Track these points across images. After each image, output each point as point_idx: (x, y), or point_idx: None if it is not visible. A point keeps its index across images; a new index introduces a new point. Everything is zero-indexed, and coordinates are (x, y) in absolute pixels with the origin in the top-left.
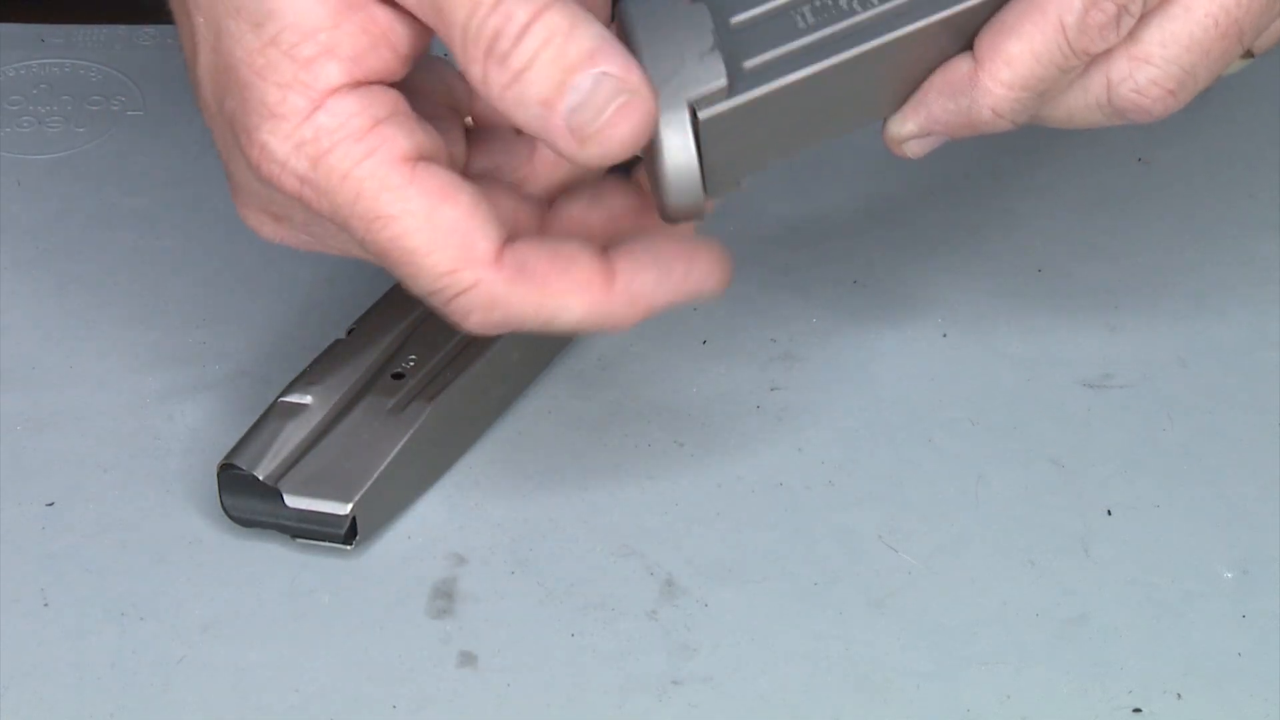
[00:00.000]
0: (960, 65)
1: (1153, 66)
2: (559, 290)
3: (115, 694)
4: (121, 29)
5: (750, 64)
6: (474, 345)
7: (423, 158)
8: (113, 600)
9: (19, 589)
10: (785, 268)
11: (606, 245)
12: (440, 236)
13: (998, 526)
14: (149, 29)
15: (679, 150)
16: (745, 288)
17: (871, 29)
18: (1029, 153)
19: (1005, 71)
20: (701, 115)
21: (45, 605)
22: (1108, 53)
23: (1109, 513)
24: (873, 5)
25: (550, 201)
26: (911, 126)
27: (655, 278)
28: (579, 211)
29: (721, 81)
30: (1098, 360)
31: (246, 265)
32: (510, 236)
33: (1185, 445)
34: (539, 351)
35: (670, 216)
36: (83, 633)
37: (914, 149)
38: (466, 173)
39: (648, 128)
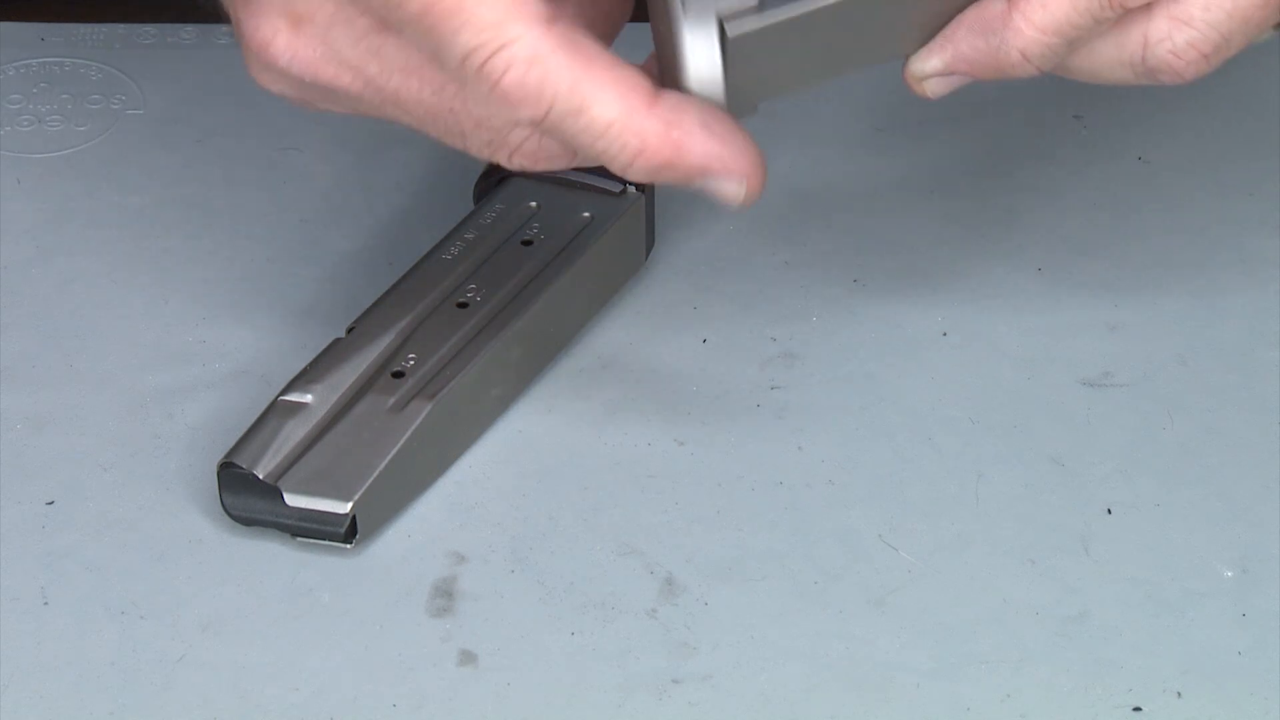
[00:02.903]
0: (994, 3)
1: (1192, 29)
2: (603, 78)
3: (115, 692)
4: (121, 28)
5: None
6: (474, 344)
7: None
8: (113, 599)
9: (19, 588)
10: (785, 266)
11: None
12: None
13: (998, 525)
14: (149, 28)
15: (705, 64)
16: (745, 287)
17: None
18: (1029, 153)
19: (1040, 14)
20: (730, 31)
21: (45, 604)
22: (1147, 10)
23: (1109, 511)
24: None
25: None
26: (936, 63)
27: (699, 121)
28: None
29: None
30: (1098, 359)
31: (246, 265)
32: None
33: (1185, 444)
34: (539, 351)
35: None
36: (83, 631)
37: (935, 87)
38: None
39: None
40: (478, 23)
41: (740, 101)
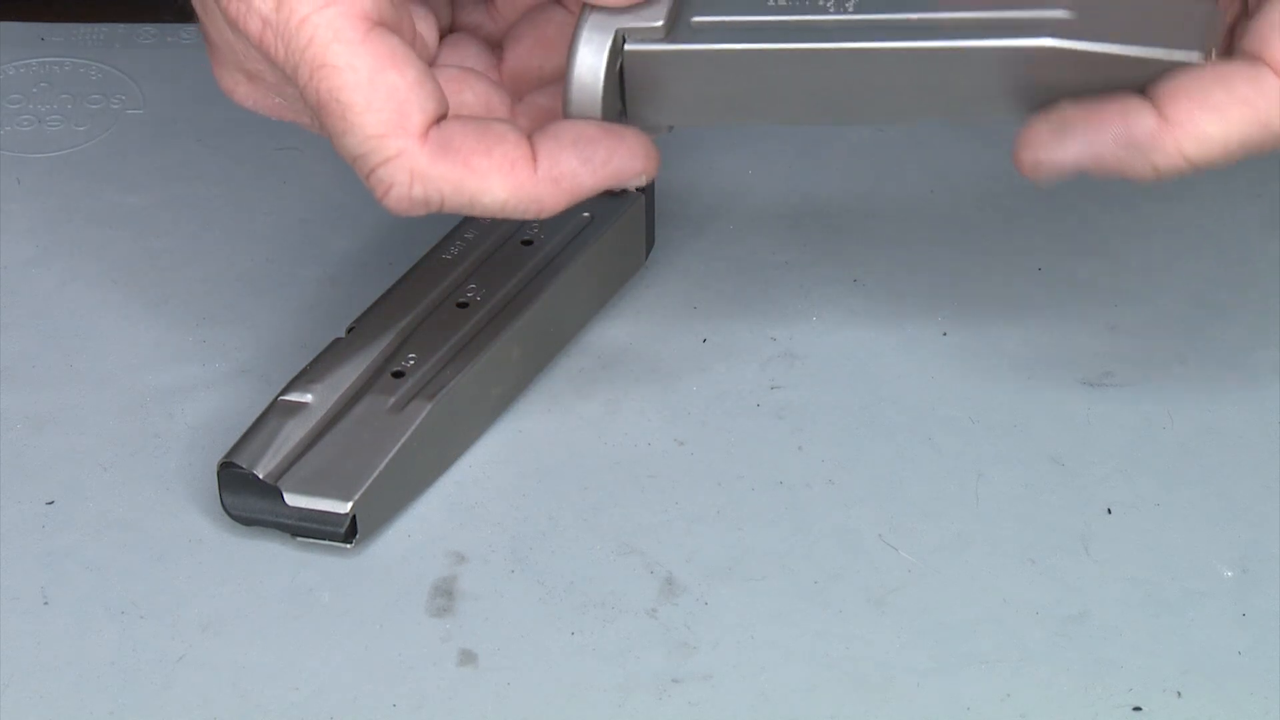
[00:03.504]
0: (1144, 120)
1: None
2: (482, 169)
3: (115, 692)
4: (121, 28)
5: (698, 20)
6: (474, 344)
7: (383, 23)
8: (113, 598)
9: (19, 587)
10: (785, 267)
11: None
12: (378, 98)
13: (998, 525)
14: (149, 27)
15: (588, 70)
16: (745, 287)
17: (839, 33)
18: None
19: (1194, 147)
20: (627, 47)
21: (45, 604)
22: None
23: (1109, 511)
24: (846, 10)
25: (521, 95)
26: (1068, 160)
27: (579, 160)
28: (545, 103)
29: (657, 22)
30: (1098, 359)
31: (246, 265)
32: (450, 116)
33: (1185, 444)
34: (539, 351)
35: None
36: (83, 631)
37: (1050, 175)
38: (435, 64)
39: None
40: (362, 130)
41: (645, 116)
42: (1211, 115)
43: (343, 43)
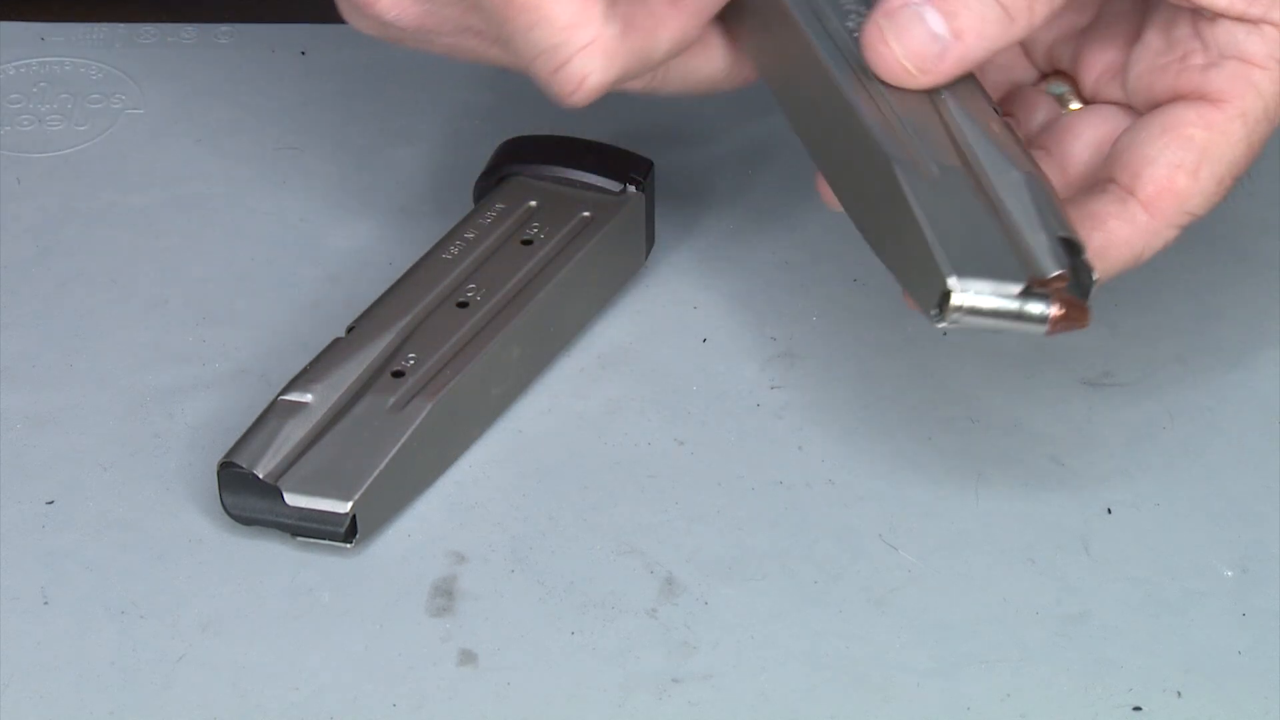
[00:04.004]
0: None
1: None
2: (651, 28)
3: (115, 692)
4: (122, 27)
5: None
6: (474, 344)
7: None
8: (113, 598)
9: (19, 587)
10: (785, 266)
11: None
12: None
13: (998, 524)
14: (149, 27)
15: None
16: (745, 286)
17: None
18: None
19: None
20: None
21: (45, 603)
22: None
23: (1109, 511)
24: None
25: None
26: None
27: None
28: None
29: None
30: (1098, 358)
31: (246, 265)
32: None
33: (1185, 443)
34: (539, 351)
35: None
36: (83, 631)
37: None
38: None
39: None
40: (555, 21)
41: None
42: (1097, 259)
43: None
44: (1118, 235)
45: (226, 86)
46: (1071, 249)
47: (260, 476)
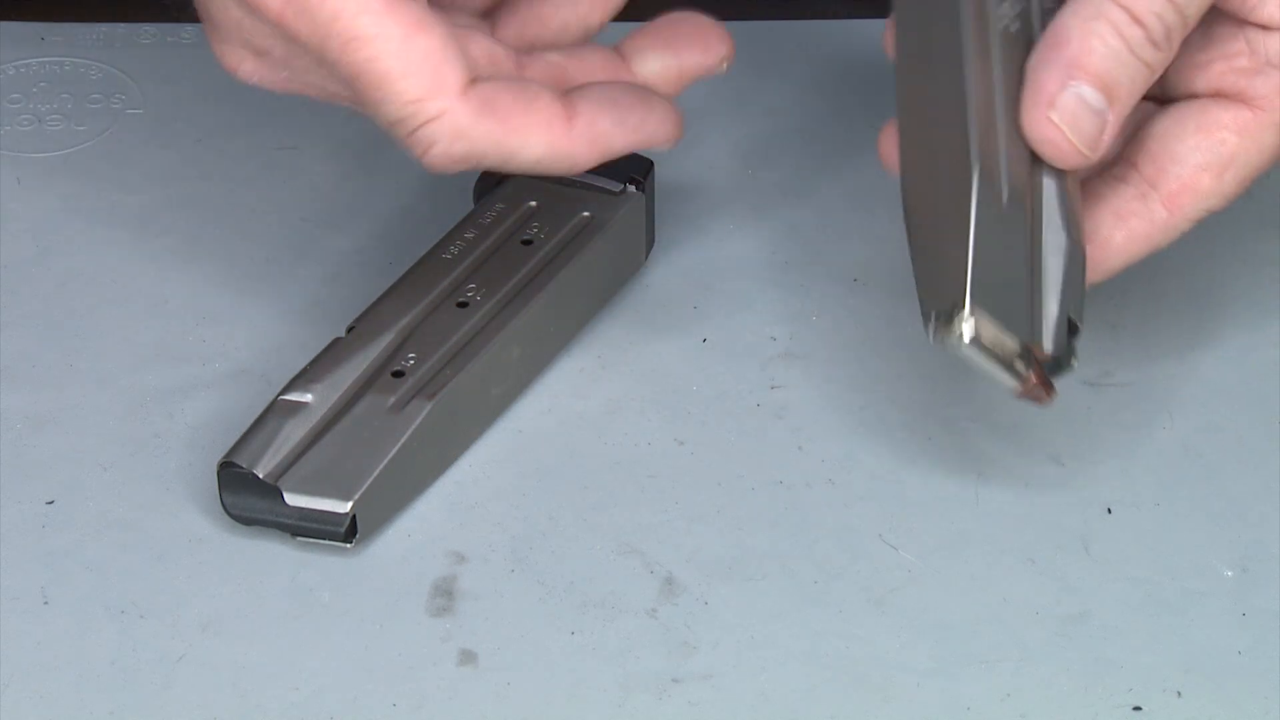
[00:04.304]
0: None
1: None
2: (522, 126)
3: (115, 692)
4: (121, 27)
5: None
6: (474, 344)
7: None
8: (113, 598)
9: (19, 587)
10: (785, 266)
11: (566, 91)
12: (413, 63)
13: (998, 524)
14: (149, 27)
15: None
16: (745, 287)
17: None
18: None
19: (1097, 277)
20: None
21: (45, 603)
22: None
23: (1109, 511)
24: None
25: (528, 51)
26: None
27: (612, 121)
28: (555, 60)
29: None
30: (1098, 358)
31: (246, 265)
32: (481, 77)
33: (1185, 443)
34: (539, 351)
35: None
36: (83, 631)
37: None
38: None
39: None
40: (400, 97)
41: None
42: (1114, 255)
43: (370, 14)
44: (1138, 231)
45: (226, 86)
46: (1072, 332)
47: (260, 476)
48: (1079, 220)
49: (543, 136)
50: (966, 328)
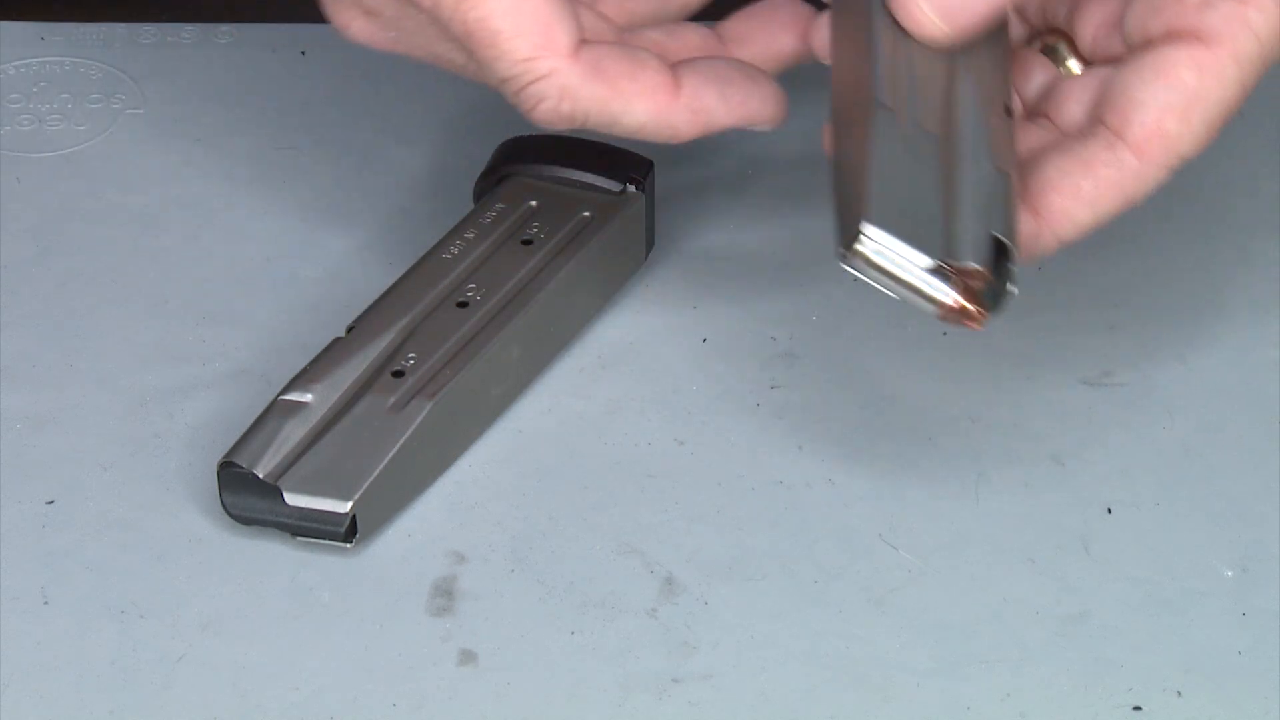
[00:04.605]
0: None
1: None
2: (628, 91)
3: (115, 692)
4: (122, 27)
5: None
6: (474, 344)
7: None
8: (113, 598)
9: (19, 587)
10: (785, 266)
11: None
12: (525, 22)
13: (998, 524)
14: (150, 27)
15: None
16: (745, 287)
17: None
18: None
19: (1069, 233)
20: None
21: (45, 603)
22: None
23: (1109, 510)
24: None
25: (628, 29)
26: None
27: (717, 96)
28: (655, 37)
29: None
30: (1098, 358)
31: (246, 265)
32: (590, 40)
33: (1185, 443)
34: (539, 351)
35: None
36: (83, 631)
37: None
38: None
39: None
40: (511, 55)
41: None
42: (1082, 205)
43: None
44: (1107, 179)
45: (226, 86)
46: (1003, 253)
47: (260, 476)
48: (1008, 153)
49: (648, 103)
50: (863, 248)
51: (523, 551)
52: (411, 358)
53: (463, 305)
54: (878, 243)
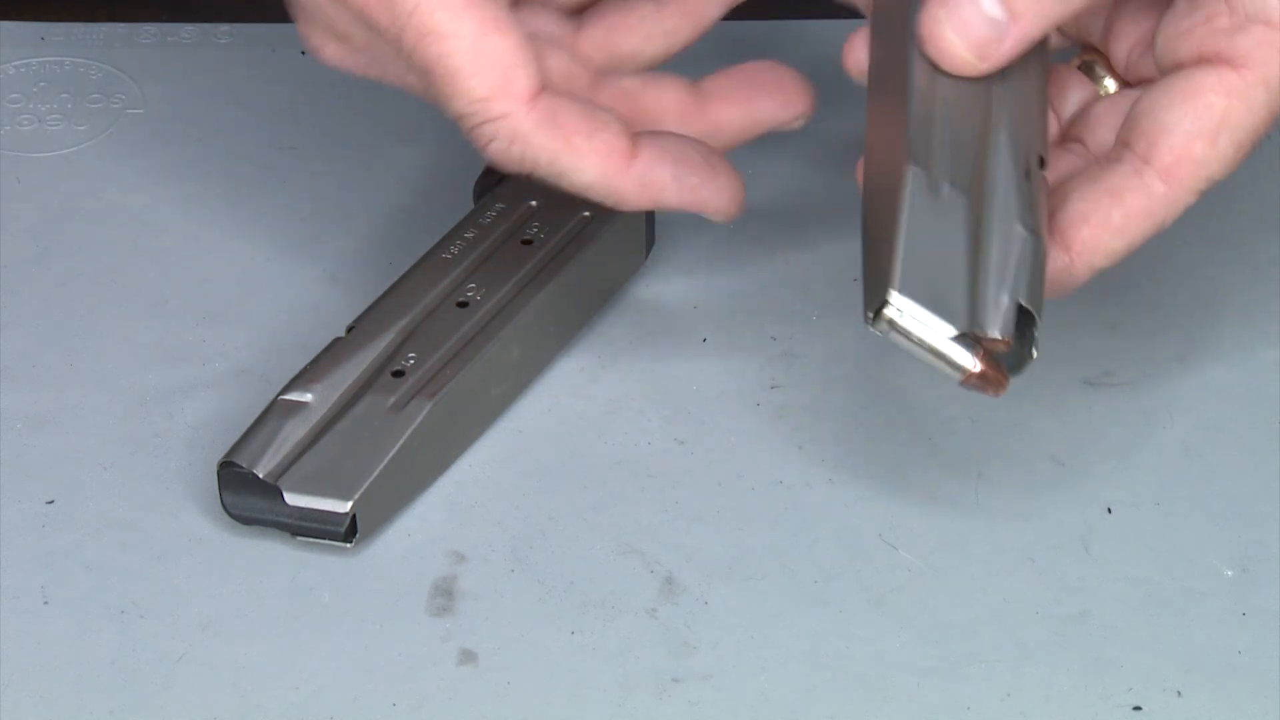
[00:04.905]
0: (1054, 258)
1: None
2: (581, 148)
3: (115, 692)
4: (122, 27)
5: None
6: (474, 343)
7: None
8: (113, 598)
9: (19, 587)
10: (785, 266)
11: (638, 130)
12: (484, 63)
13: (998, 524)
14: (149, 27)
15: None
16: (745, 286)
17: None
18: None
19: (1103, 262)
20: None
21: (45, 603)
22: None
23: (1109, 510)
24: None
25: (605, 73)
26: None
27: (671, 175)
28: (631, 87)
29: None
30: (1098, 358)
31: (246, 265)
32: (551, 87)
33: (1185, 443)
34: (539, 351)
35: None
36: (83, 631)
37: None
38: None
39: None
40: (467, 94)
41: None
42: (1114, 236)
43: (447, 10)
44: (1136, 208)
45: (226, 86)
46: (1027, 319)
47: (260, 476)
48: (1039, 212)
49: (599, 164)
50: (890, 314)
51: (523, 551)
52: (411, 358)
53: (463, 305)
54: (904, 311)
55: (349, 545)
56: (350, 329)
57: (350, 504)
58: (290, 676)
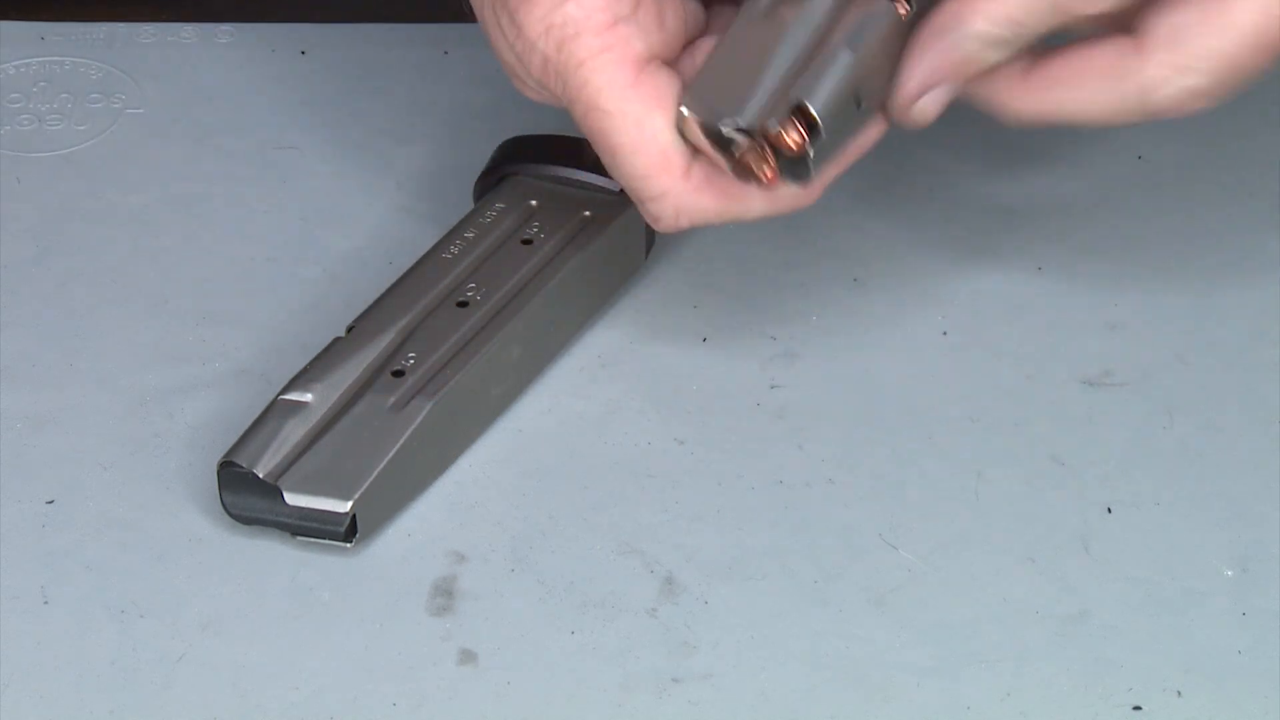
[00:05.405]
0: (950, 5)
1: (1193, 77)
2: (740, 193)
3: (115, 692)
4: (122, 27)
5: None
6: (474, 343)
7: (653, 58)
8: (113, 598)
9: (19, 587)
10: (785, 266)
11: None
12: (644, 142)
13: (998, 524)
14: (149, 27)
15: None
16: (745, 287)
17: None
18: (1029, 152)
19: (989, 5)
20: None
21: (45, 603)
22: (1140, 55)
23: (1109, 510)
24: None
25: None
26: (911, 85)
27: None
28: None
29: None
30: (1098, 358)
31: (246, 264)
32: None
33: (1185, 442)
34: (539, 351)
35: None
36: (82, 631)
37: (922, 109)
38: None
39: None
40: (630, 170)
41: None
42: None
43: (614, 89)
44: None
45: (226, 86)
46: (811, 126)
47: (260, 476)
48: (870, 38)
49: (763, 203)
50: (682, 125)
51: (523, 551)
52: (411, 357)
53: (463, 305)
54: (684, 111)
55: (349, 545)
56: (350, 329)
57: (350, 504)
58: (290, 676)
